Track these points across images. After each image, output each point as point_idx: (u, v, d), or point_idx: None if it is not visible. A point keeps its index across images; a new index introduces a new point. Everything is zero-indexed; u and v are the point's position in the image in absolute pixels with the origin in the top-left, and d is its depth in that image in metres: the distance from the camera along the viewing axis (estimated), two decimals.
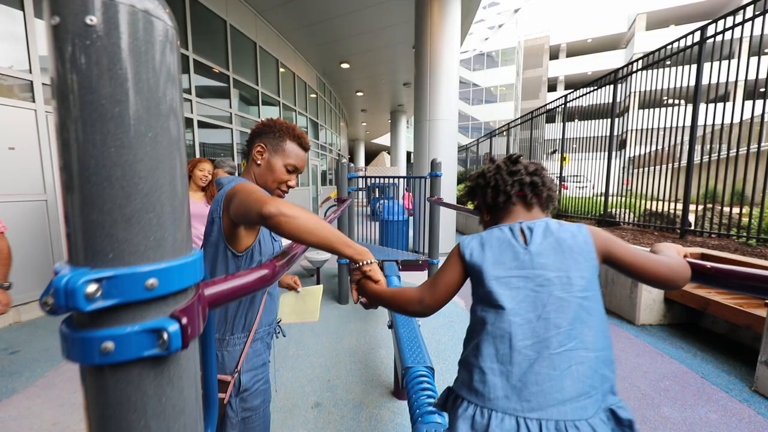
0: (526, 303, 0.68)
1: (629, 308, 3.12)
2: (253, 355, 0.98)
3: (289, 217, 0.68)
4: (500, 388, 0.65)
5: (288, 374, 2.29)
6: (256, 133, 1.02)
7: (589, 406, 0.63)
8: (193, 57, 5.02)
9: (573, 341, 0.65)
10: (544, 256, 0.70)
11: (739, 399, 2.02)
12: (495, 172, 0.81)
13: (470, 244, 0.76)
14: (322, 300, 3.68)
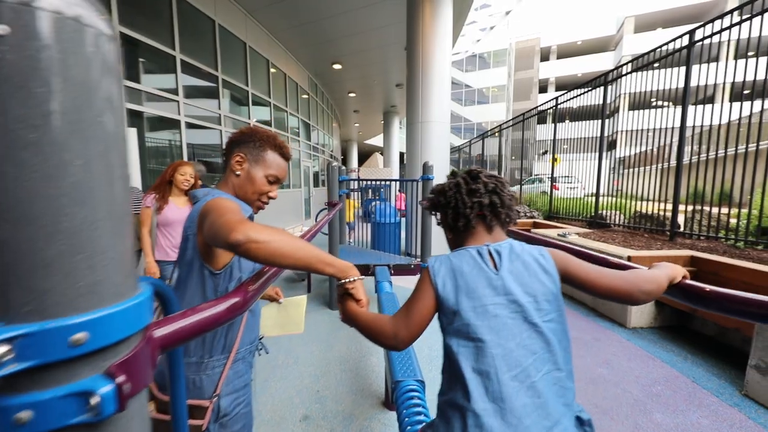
0: (504, 332, 0.67)
1: (621, 311, 3.12)
2: (234, 377, 0.93)
3: (260, 243, 0.63)
4: (497, 427, 0.62)
5: (277, 385, 2.23)
6: (234, 142, 0.97)
7: (568, 425, 0.65)
8: (180, 57, 4.91)
9: (547, 364, 0.67)
10: (513, 281, 0.70)
11: (729, 403, 2.02)
12: (455, 191, 0.80)
13: (440, 271, 0.74)
14: (312, 306, 3.62)
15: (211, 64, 5.68)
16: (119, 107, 0.33)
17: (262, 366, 2.45)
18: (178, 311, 0.48)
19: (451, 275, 0.73)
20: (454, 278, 0.72)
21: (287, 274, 4.86)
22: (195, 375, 0.86)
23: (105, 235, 0.31)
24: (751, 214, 3.04)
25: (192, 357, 0.87)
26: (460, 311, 0.69)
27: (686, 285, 0.71)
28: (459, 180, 0.82)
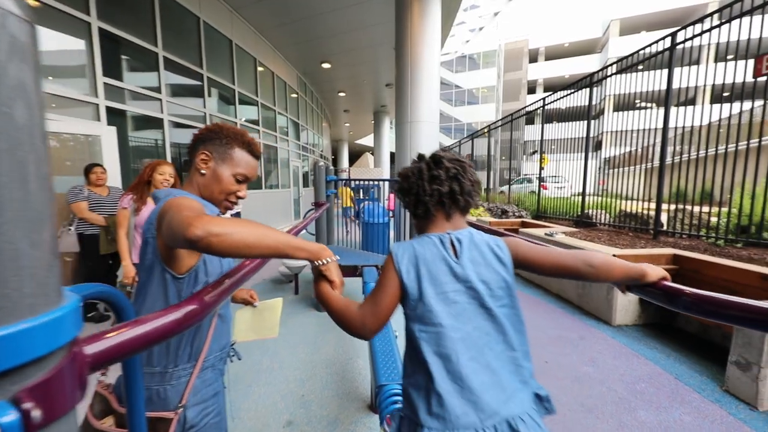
0: (463, 316, 0.72)
1: (606, 309, 3.16)
2: (201, 386, 0.88)
3: (220, 236, 0.59)
4: (458, 406, 0.67)
5: (260, 390, 2.17)
6: (199, 139, 0.92)
7: (525, 399, 0.71)
8: (163, 54, 4.79)
9: (501, 344, 0.73)
10: (472, 269, 0.74)
11: (711, 399, 2.05)
12: (417, 177, 0.82)
13: (404, 259, 0.76)
14: (300, 309, 3.57)
15: (196, 62, 5.56)
16: (34, 97, 0.29)
17: (246, 371, 2.39)
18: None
19: (415, 263, 0.75)
20: (417, 266, 0.75)
21: (273, 275, 4.78)
22: (159, 386, 0.82)
23: (13, 240, 0.27)
24: (731, 213, 3.11)
25: (156, 367, 0.82)
26: (423, 298, 0.73)
27: (666, 287, 0.70)
28: (422, 165, 0.82)
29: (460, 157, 0.84)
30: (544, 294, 3.99)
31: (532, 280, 4.49)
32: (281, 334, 2.98)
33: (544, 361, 2.50)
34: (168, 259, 0.80)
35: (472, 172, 0.84)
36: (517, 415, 0.68)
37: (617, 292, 3.05)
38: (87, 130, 3.62)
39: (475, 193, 0.84)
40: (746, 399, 2.02)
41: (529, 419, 0.69)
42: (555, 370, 2.39)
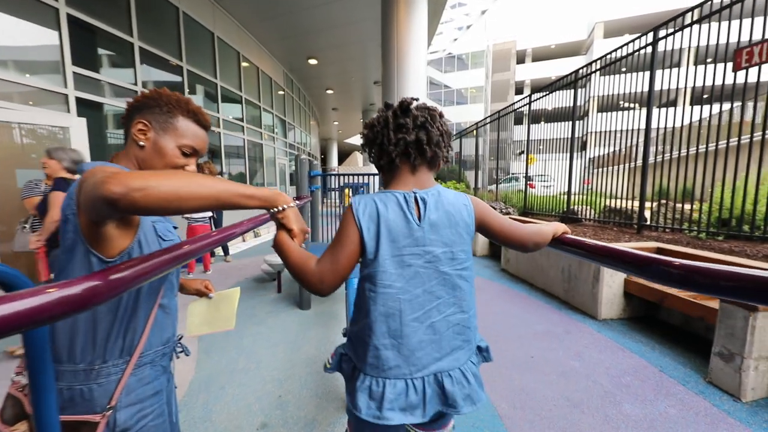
0: (415, 279, 0.74)
1: (591, 303, 3.14)
2: (137, 385, 0.77)
3: (144, 189, 0.51)
4: (392, 359, 0.73)
5: (235, 391, 2.06)
6: (134, 107, 0.80)
7: (461, 356, 0.77)
8: (138, 44, 4.60)
9: (451, 307, 0.76)
10: (434, 233, 0.75)
11: (695, 391, 2.03)
12: (382, 126, 0.79)
13: (365, 214, 0.75)
14: (282, 307, 3.45)
15: (175, 54, 5.37)
16: None
17: (220, 372, 2.27)
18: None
19: (376, 220, 0.74)
20: (377, 224, 0.74)
21: (256, 273, 4.64)
22: (83, 384, 0.71)
23: None
24: (712, 207, 3.14)
25: (79, 363, 0.71)
26: (378, 258, 0.73)
27: (564, 238, 0.85)
28: (388, 114, 0.79)
29: (431, 106, 0.80)
30: (530, 289, 3.97)
31: (517, 275, 4.47)
32: (261, 332, 2.88)
33: (530, 356, 2.46)
34: (93, 238, 0.68)
35: (443, 123, 0.81)
36: (447, 371, 0.75)
37: (602, 286, 3.04)
38: (54, 121, 3.42)
39: (444, 144, 0.81)
40: (729, 390, 2.01)
41: (458, 374, 0.76)
42: (541, 365, 2.35)
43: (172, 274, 0.87)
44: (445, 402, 0.74)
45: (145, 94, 0.82)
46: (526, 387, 2.10)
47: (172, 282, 0.88)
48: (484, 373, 2.29)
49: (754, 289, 0.42)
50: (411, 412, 0.73)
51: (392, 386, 0.73)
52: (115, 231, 0.69)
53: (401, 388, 0.73)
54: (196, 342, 2.69)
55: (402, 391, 0.73)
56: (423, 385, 0.73)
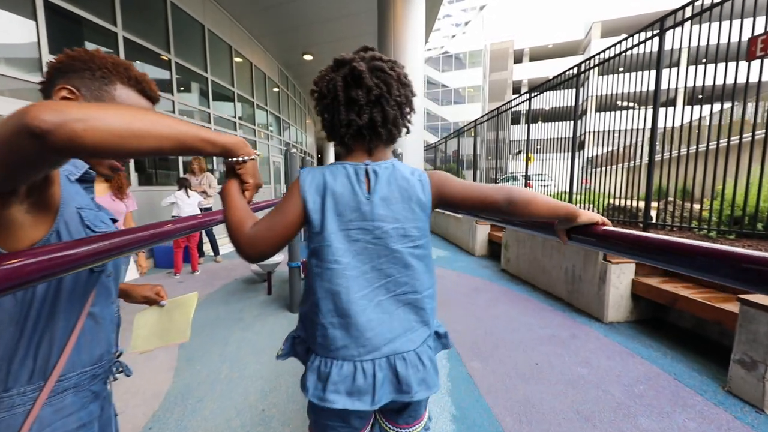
0: (363, 255, 0.69)
1: (597, 306, 2.99)
2: (54, 418, 0.60)
3: (88, 121, 0.38)
4: (339, 338, 0.69)
5: (214, 405, 1.88)
6: (57, 69, 0.63)
7: (416, 338, 0.72)
8: (123, 35, 4.39)
9: (403, 287, 0.71)
10: (384, 207, 0.69)
11: (714, 402, 1.88)
12: (332, 97, 0.69)
13: (311, 186, 0.70)
14: (271, 310, 3.26)
15: (163, 46, 5.16)
16: None
17: (199, 383, 2.09)
18: None
19: (322, 192, 0.69)
20: (323, 196, 0.69)
21: (246, 274, 4.45)
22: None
23: None
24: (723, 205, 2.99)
25: None
26: (323, 232, 0.68)
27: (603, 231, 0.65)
28: (338, 80, 0.68)
29: (389, 65, 0.70)
30: (532, 290, 3.81)
31: (518, 276, 4.31)
32: (247, 338, 2.69)
33: (534, 363, 2.29)
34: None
35: (401, 89, 0.71)
36: (400, 353, 0.70)
37: (608, 287, 2.88)
38: None
39: (401, 119, 0.73)
40: (751, 401, 1.85)
41: (413, 357, 0.71)
42: (547, 372, 2.18)
43: (107, 277, 0.71)
44: (399, 388, 0.69)
45: (71, 53, 0.64)
46: (531, 398, 1.94)
47: (107, 286, 0.71)
48: (484, 381, 2.13)
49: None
50: (358, 397, 0.68)
51: (338, 368, 0.69)
52: (24, 216, 0.52)
53: (348, 370, 0.68)
54: (176, 349, 2.50)
55: (349, 373, 0.68)
56: (373, 369, 0.69)
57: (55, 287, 0.58)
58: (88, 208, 0.66)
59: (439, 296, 2.94)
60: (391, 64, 0.71)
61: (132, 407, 1.89)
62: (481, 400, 1.92)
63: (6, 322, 0.54)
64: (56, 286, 0.58)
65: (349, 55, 0.71)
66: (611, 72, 4.09)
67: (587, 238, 0.67)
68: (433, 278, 0.76)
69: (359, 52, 0.72)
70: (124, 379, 2.13)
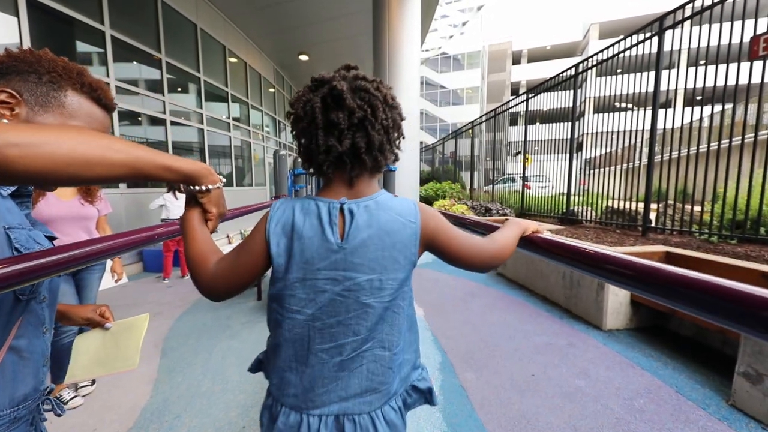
0: (330, 308, 0.62)
1: (596, 313, 2.90)
2: None
3: (25, 146, 0.36)
4: (293, 386, 0.64)
5: (192, 421, 1.78)
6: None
7: (374, 401, 0.65)
8: (110, 33, 4.29)
9: (369, 343, 0.64)
10: (358, 255, 0.61)
11: (718, 417, 1.79)
12: (308, 122, 0.61)
13: (277, 226, 0.62)
14: (259, 317, 3.16)
15: (153, 45, 5.06)
16: None
17: (178, 397, 1.98)
18: None
19: (289, 234, 0.61)
20: (290, 239, 0.61)
21: None
22: None
23: None
24: (724, 208, 2.91)
25: None
26: (286, 279, 0.61)
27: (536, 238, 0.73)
28: (316, 101, 0.59)
29: (374, 85, 0.61)
30: (529, 295, 3.73)
31: (515, 280, 4.23)
32: (232, 347, 2.59)
33: (530, 375, 2.20)
34: None
35: (387, 111, 0.62)
36: (351, 414, 0.64)
37: (607, 294, 2.80)
38: None
39: (388, 144, 0.64)
40: (757, 416, 1.77)
41: (366, 421, 0.64)
42: (543, 384, 2.09)
43: (39, 303, 0.63)
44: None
45: (13, 53, 0.57)
46: (527, 413, 1.84)
47: (38, 314, 0.63)
48: (478, 394, 2.04)
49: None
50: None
51: (285, 416, 0.65)
52: None
53: (294, 420, 0.64)
54: (157, 359, 2.40)
55: (295, 424, 0.64)
56: (318, 425, 0.63)
57: None
58: (19, 228, 0.59)
59: (434, 301, 2.84)
60: (377, 84, 0.63)
61: (107, 423, 1.79)
62: (473, 415, 1.82)
63: None
64: None
65: (330, 73, 0.62)
66: (609, 73, 4.03)
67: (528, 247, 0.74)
68: (406, 333, 0.68)
69: (340, 70, 0.64)
70: (102, 393, 2.03)
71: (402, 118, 0.67)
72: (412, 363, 0.71)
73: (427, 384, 0.73)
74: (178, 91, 5.76)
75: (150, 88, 5.07)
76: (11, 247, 0.56)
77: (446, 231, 0.67)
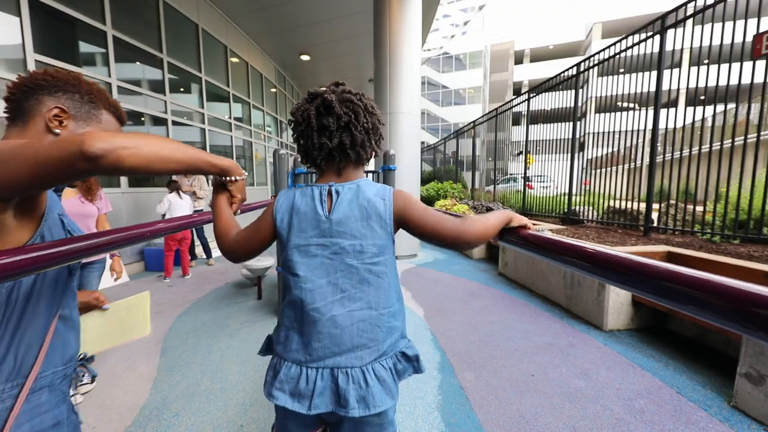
0: (320, 270, 0.75)
1: (596, 313, 2.88)
2: (33, 414, 0.63)
3: (131, 149, 0.50)
4: (295, 342, 0.76)
5: (189, 420, 1.78)
6: (42, 87, 0.65)
7: (365, 356, 0.75)
8: (112, 33, 4.30)
9: (357, 302, 0.75)
10: (343, 225, 0.75)
11: (719, 419, 1.77)
12: (306, 124, 0.77)
13: (282, 207, 0.79)
14: (260, 315, 3.16)
15: (155, 45, 5.08)
16: None
17: (177, 396, 1.99)
18: None
19: (290, 212, 0.78)
20: (291, 216, 0.77)
21: (238, 278, 4.35)
22: None
23: None
24: (727, 208, 2.89)
25: None
26: (287, 247, 0.77)
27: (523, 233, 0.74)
28: (311, 110, 0.76)
29: (357, 97, 0.78)
30: (530, 295, 3.71)
31: (516, 280, 4.21)
32: (232, 346, 2.59)
33: (530, 375, 2.19)
34: None
35: (368, 116, 0.78)
36: (344, 367, 0.73)
37: (608, 294, 2.78)
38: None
39: (369, 143, 0.80)
40: (759, 417, 1.75)
41: (357, 374, 0.73)
42: (543, 384, 2.08)
43: (73, 281, 0.76)
44: (337, 401, 0.73)
45: (55, 74, 0.68)
46: (526, 413, 1.83)
47: (73, 289, 0.76)
48: (477, 394, 2.03)
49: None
50: (298, 399, 0.74)
51: (287, 368, 0.75)
52: (12, 221, 0.58)
53: (295, 372, 0.75)
54: (157, 358, 2.41)
55: (295, 376, 0.74)
56: (316, 376, 0.74)
57: (36, 288, 0.63)
58: (65, 215, 0.75)
59: (434, 300, 2.83)
60: (359, 96, 0.79)
61: (106, 421, 1.79)
62: (472, 416, 1.81)
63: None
64: (38, 287, 0.63)
65: (322, 88, 0.79)
66: (611, 73, 4.00)
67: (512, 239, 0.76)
68: (392, 298, 0.79)
69: (331, 86, 0.79)
70: (101, 391, 2.03)
71: (381, 123, 0.83)
72: (400, 331, 0.81)
73: (414, 351, 0.82)
74: (179, 91, 5.78)
75: (151, 88, 5.09)
76: (65, 230, 0.71)
77: (414, 206, 0.77)
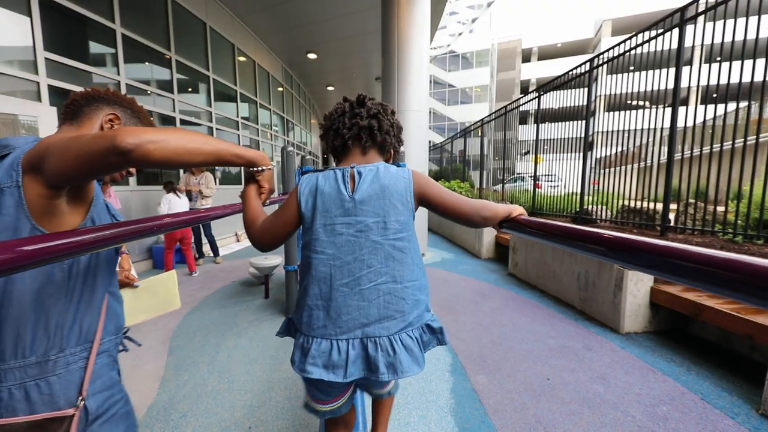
0: (346, 247, 0.80)
1: (613, 315, 2.79)
2: (102, 372, 0.72)
3: (157, 143, 0.53)
4: (321, 319, 0.81)
5: (197, 420, 1.74)
6: (102, 98, 0.76)
7: (392, 326, 0.81)
8: (121, 31, 4.31)
9: (383, 276, 0.81)
10: (366, 203, 0.81)
11: (748, 427, 1.68)
12: (339, 115, 0.88)
13: (306, 190, 0.83)
14: (267, 315, 3.13)
15: (163, 44, 5.08)
16: None
17: (184, 396, 1.95)
18: None
19: (314, 194, 0.82)
20: (314, 197, 0.82)
21: (245, 276, 4.33)
22: (38, 379, 0.64)
23: None
24: (750, 207, 2.77)
25: (30, 356, 0.63)
26: (313, 227, 0.82)
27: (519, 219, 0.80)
28: (345, 106, 0.89)
29: (385, 103, 0.89)
30: (542, 296, 3.62)
31: (527, 281, 4.12)
32: (239, 345, 2.56)
33: (545, 378, 2.11)
34: (40, 213, 0.61)
35: (393, 117, 0.90)
36: (373, 337, 0.79)
37: (625, 295, 2.69)
38: (17, 110, 3.13)
39: (393, 133, 0.90)
40: None
41: (385, 342, 0.79)
42: (559, 389, 2.01)
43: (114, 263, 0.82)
44: (368, 367, 0.78)
45: (115, 92, 0.80)
46: (542, 419, 1.76)
47: (115, 268, 0.84)
48: (491, 398, 1.96)
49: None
50: (333, 370, 0.79)
51: (317, 344, 0.80)
52: (65, 207, 0.64)
53: (326, 347, 0.79)
54: (164, 357, 2.38)
55: (326, 349, 0.79)
56: (347, 347, 0.79)
57: (94, 264, 0.71)
58: (109, 203, 0.80)
59: (444, 301, 2.76)
60: (383, 104, 0.91)
61: None
62: (486, 421, 1.75)
63: (56, 294, 0.65)
64: (95, 264, 0.71)
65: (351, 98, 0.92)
66: (624, 70, 3.89)
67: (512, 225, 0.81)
68: (417, 272, 0.85)
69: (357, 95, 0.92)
70: None
71: (400, 128, 0.94)
72: (425, 304, 0.87)
73: (439, 324, 0.88)
74: (188, 90, 5.78)
75: (160, 86, 5.09)
76: (110, 215, 0.77)
77: (434, 186, 0.85)
